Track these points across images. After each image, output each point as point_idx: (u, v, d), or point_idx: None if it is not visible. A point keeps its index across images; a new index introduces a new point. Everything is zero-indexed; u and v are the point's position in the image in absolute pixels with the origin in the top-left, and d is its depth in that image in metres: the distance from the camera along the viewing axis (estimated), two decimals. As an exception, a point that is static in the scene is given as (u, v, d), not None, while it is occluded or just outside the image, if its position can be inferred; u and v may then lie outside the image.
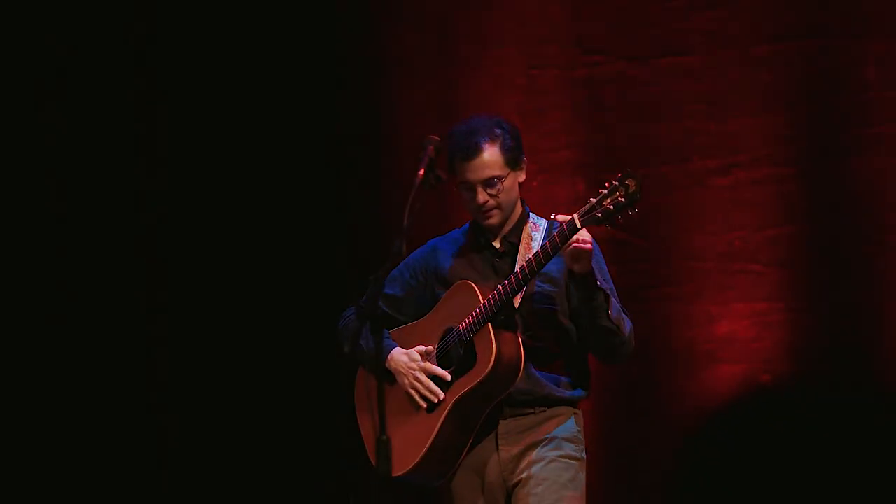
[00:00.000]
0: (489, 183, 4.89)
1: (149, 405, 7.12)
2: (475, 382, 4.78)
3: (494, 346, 4.76)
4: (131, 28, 7.11)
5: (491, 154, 4.88)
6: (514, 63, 6.79)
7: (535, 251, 4.79)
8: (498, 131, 4.90)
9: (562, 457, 4.87)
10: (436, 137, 4.74)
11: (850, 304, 6.43)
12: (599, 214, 4.62)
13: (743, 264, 6.53)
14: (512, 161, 4.91)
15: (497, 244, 4.99)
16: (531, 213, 5.02)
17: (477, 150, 4.87)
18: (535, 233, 4.96)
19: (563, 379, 4.91)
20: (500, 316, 4.81)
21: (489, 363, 4.76)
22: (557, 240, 4.69)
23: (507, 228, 4.98)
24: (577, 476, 4.89)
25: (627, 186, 4.60)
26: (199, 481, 7.09)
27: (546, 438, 4.87)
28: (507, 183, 4.90)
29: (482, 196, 4.89)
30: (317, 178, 7.04)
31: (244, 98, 7.05)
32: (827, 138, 6.45)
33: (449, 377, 4.85)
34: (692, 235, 6.58)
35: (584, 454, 4.94)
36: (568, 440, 4.90)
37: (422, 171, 4.68)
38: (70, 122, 7.06)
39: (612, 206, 4.61)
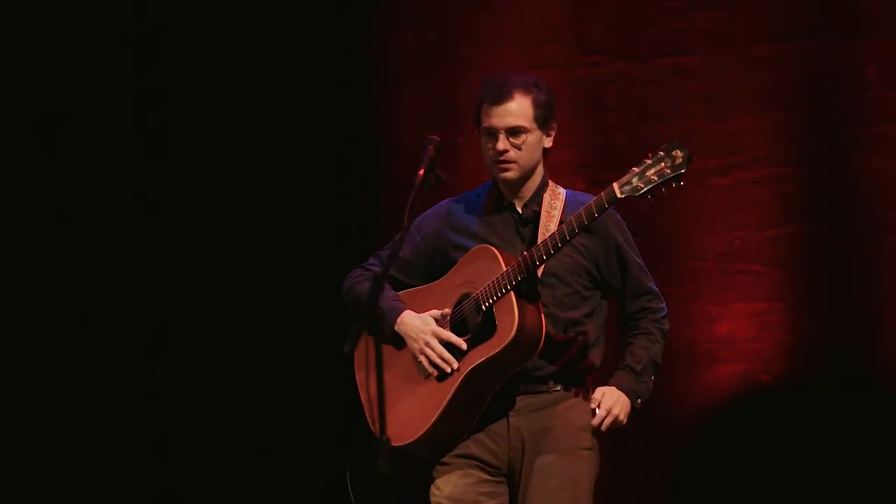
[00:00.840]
0: (513, 132, 4.71)
1: (148, 405, 7.13)
2: (493, 353, 4.59)
3: (517, 315, 4.56)
4: (131, 28, 7.11)
5: (521, 104, 4.71)
6: (514, 63, 6.78)
7: (567, 219, 4.61)
8: (533, 87, 4.74)
9: (579, 449, 4.73)
10: (436, 137, 4.72)
11: (850, 304, 6.43)
12: (642, 185, 4.49)
13: (743, 264, 6.53)
14: (541, 119, 4.74)
15: (520, 209, 4.79)
16: (550, 182, 4.84)
17: (507, 96, 4.70)
18: (556, 201, 4.77)
19: (580, 353, 4.73)
20: (524, 285, 4.62)
21: (510, 333, 4.56)
22: (594, 209, 4.55)
23: (527, 194, 4.79)
24: (590, 470, 4.76)
25: (674, 157, 4.46)
26: (199, 481, 7.09)
27: (561, 426, 4.71)
28: (531, 139, 4.73)
29: (503, 143, 4.71)
30: (316, 178, 7.04)
31: (244, 98, 7.05)
32: (827, 138, 6.45)
33: (465, 345, 4.66)
34: (692, 235, 6.58)
35: (595, 442, 4.78)
36: (582, 429, 4.74)
37: (422, 171, 4.66)
38: (70, 122, 7.06)
39: (656, 178, 4.47)
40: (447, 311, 4.74)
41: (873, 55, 6.40)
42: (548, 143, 4.80)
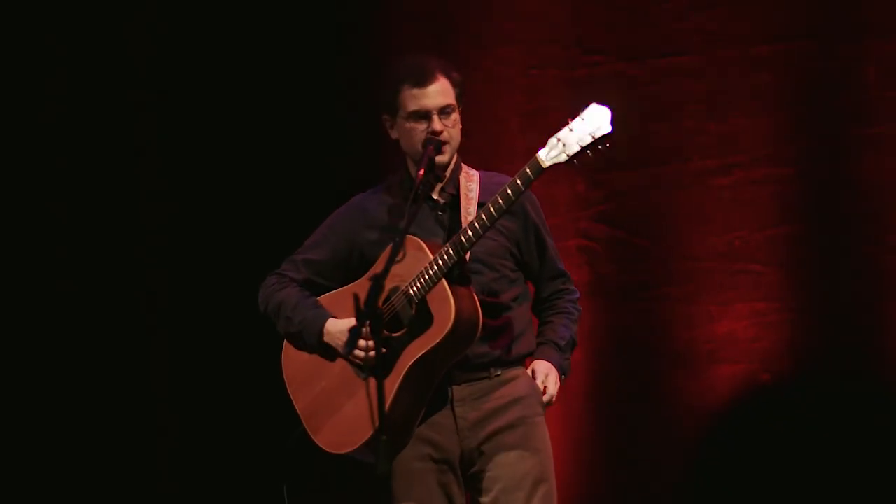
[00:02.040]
0: (445, 111, 4.65)
1: (148, 405, 7.13)
2: (434, 343, 4.50)
3: (453, 303, 4.47)
4: (131, 28, 7.11)
5: (444, 83, 4.66)
6: (514, 63, 6.78)
7: (494, 196, 4.50)
8: (447, 66, 4.70)
9: (529, 418, 4.66)
10: (436, 137, 4.73)
11: (850, 304, 6.43)
12: (566, 153, 4.40)
13: (743, 264, 6.53)
14: (459, 98, 4.69)
15: (436, 196, 4.71)
16: (463, 164, 4.76)
17: (433, 76, 4.65)
18: (471, 183, 4.69)
19: (515, 336, 4.68)
20: (455, 271, 4.54)
21: (449, 321, 4.47)
22: (521, 183, 4.46)
23: (444, 177, 4.71)
24: (543, 434, 4.69)
25: (596, 120, 4.42)
26: (199, 481, 7.09)
27: (509, 402, 4.65)
28: (457, 117, 4.68)
29: (438, 124, 4.63)
30: (317, 178, 7.03)
31: (244, 99, 7.04)
32: (827, 138, 6.45)
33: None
34: (692, 235, 6.58)
35: (541, 406, 4.70)
36: (527, 397, 4.67)
37: (422, 171, 4.67)
38: (70, 122, 7.06)
39: (579, 143, 4.38)
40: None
41: (873, 55, 6.39)
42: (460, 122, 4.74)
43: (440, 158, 4.66)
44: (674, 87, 6.59)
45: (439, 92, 4.66)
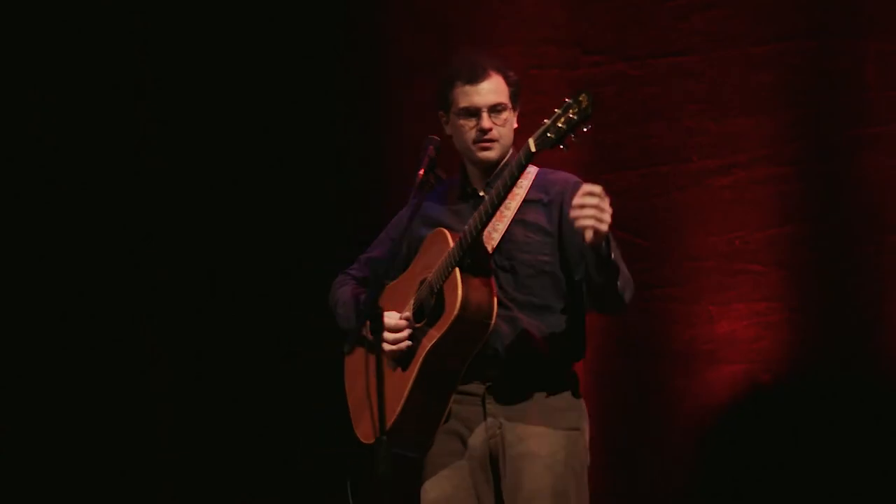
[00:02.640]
0: (495, 109, 4.69)
1: (148, 404, 7.13)
2: (442, 332, 4.52)
3: (460, 291, 4.50)
4: (130, 28, 7.12)
5: (497, 81, 4.70)
6: (514, 63, 6.74)
7: (519, 198, 4.58)
8: (502, 65, 4.74)
9: (557, 428, 4.63)
10: (436, 138, 4.73)
11: (850, 304, 6.44)
12: (552, 135, 4.38)
13: (743, 264, 6.54)
14: (513, 97, 4.73)
15: (481, 193, 4.74)
16: None
17: (485, 73, 4.69)
18: (523, 180, 4.69)
19: (555, 336, 4.65)
20: (467, 260, 4.55)
21: (454, 311, 4.49)
22: (514, 169, 4.49)
23: (495, 173, 4.74)
24: (575, 450, 4.66)
25: (580, 103, 4.36)
26: (199, 481, 7.09)
27: (539, 408, 4.62)
28: (509, 116, 4.71)
29: (487, 122, 4.67)
30: (317, 178, 7.04)
31: (244, 99, 7.05)
32: (827, 138, 6.45)
33: (403, 322, 4.62)
34: (692, 235, 6.58)
35: (584, 421, 4.68)
36: (565, 409, 4.66)
37: (422, 171, 4.68)
38: (69, 121, 7.07)
39: (564, 125, 4.36)
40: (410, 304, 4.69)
41: (873, 55, 6.40)
42: (516, 122, 4.76)
43: (487, 155, 4.71)
44: (674, 87, 6.59)
45: (491, 90, 4.70)
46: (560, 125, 4.37)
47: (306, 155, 7.04)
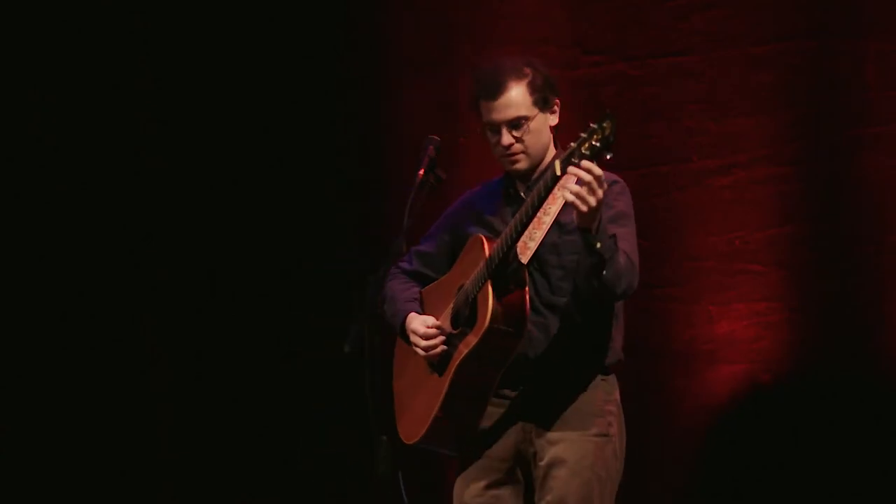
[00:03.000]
0: (515, 124, 4.62)
1: (148, 404, 7.13)
2: (475, 342, 4.53)
3: (490, 303, 4.51)
4: (129, 27, 7.12)
5: (517, 93, 4.63)
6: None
7: (561, 201, 4.47)
8: (527, 70, 4.67)
9: (586, 435, 4.63)
10: (436, 137, 4.73)
11: (850, 304, 6.44)
12: (576, 160, 4.34)
13: (743, 264, 6.53)
14: (541, 101, 4.65)
15: (523, 193, 4.68)
16: None
17: (502, 89, 4.62)
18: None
19: (590, 342, 4.65)
20: (500, 271, 4.55)
21: (485, 322, 4.51)
22: (542, 189, 4.45)
23: (535, 176, 4.71)
24: (603, 456, 4.65)
25: (604, 129, 4.35)
26: (199, 480, 7.09)
27: (569, 414, 4.63)
28: (534, 125, 4.64)
29: (507, 138, 4.62)
30: (317, 177, 7.04)
31: (244, 99, 7.05)
32: (827, 138, 6.45)
33: (433, 330, 4.67)
34: (692, 235, 6.58)
35: (615, 427, 4.67)
36: (592, 415, 4.64)
37: (422, 171, 4.68)
38: (69, 121, 7.07)
39: (587, 152, 4.33)
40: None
41: (873, 55, 6.40)
42: (553, 120, 4.72)
43: (515, 168, 4.68)
44: (674, 87, 6.59)
45: (508, 105, 4.64)
46: (584, 151, 4.35)
47: (306, 155, 7.04)
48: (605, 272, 4.43)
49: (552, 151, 4.72)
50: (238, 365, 7.03)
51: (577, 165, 4.33)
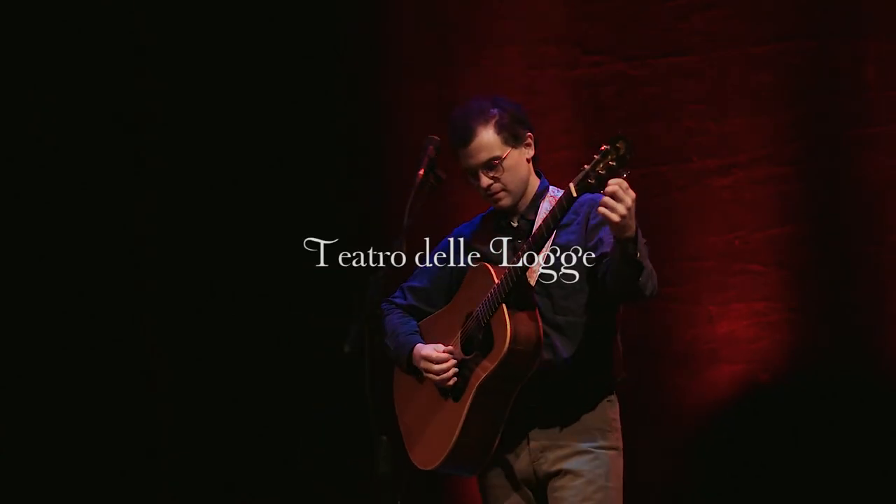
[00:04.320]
0: (489, 166, 4.74)
1: (148, 404, 7.13)
2: (494, 366, 4.65)
3: (509, 326, 4.63)
4: (128, 27, 7.12)
5: (486, 136, 4.74)
6: (514, 63, 6.79)
7: (536, 229, 4.65)
8: (493, 111, 4.76)
9: (597, 448, 4.75)
10: (436, 137, 4.75)
11: (850, 304, 6.44)
12: (592, 181, 4.45)
13: (743, 264, 6.54)
14: (511, 139, 4.76)
15: (514, 223, 4.85)
16: (551, 187, 4.86)
17: (471, 135, 4.74)
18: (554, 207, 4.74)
19: (590, 357, 4.75)
20: (513, 295, 4.67)
21: (505, 345, 4.63)
22: (557, 213, 4.58)
23: (523, 206, 4.84)
24: (613, 469, 4.77)
25: (618, 150, 4.42)
26: (199, 480, 7.09)
27: (579, 429, 4.75)
28: (508, 162, 4.75)
29: (485, 180, 4.76)
30: (317, 177, 7.04)
31: (244, 99, 7.05)
32: (827, 138, 6.45)
33: (446, 355, 4.78)
34: (692, 235, 6.58)
35: (619, 443, 4.80)
36: (601, 430, 4.77)
37: (421, 172, 4.69)
38: (69, 121, 7.07)
39: (603, 171, 4.43)
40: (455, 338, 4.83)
41: (873, 55, 6.40)
42: (529, 153, 4.82)
43: (500, 206, 4.82)
44: (674, 87, 6.59)
45: (479, 149, 4.76)
46: (600, 171, 4.45)
47: (306, 155, 7.04)
48: (640, 278, 4.59)
49: (535, 182, 4.85)
50: (238, 365, 7.03)
51: (594, 186, 4.45)
